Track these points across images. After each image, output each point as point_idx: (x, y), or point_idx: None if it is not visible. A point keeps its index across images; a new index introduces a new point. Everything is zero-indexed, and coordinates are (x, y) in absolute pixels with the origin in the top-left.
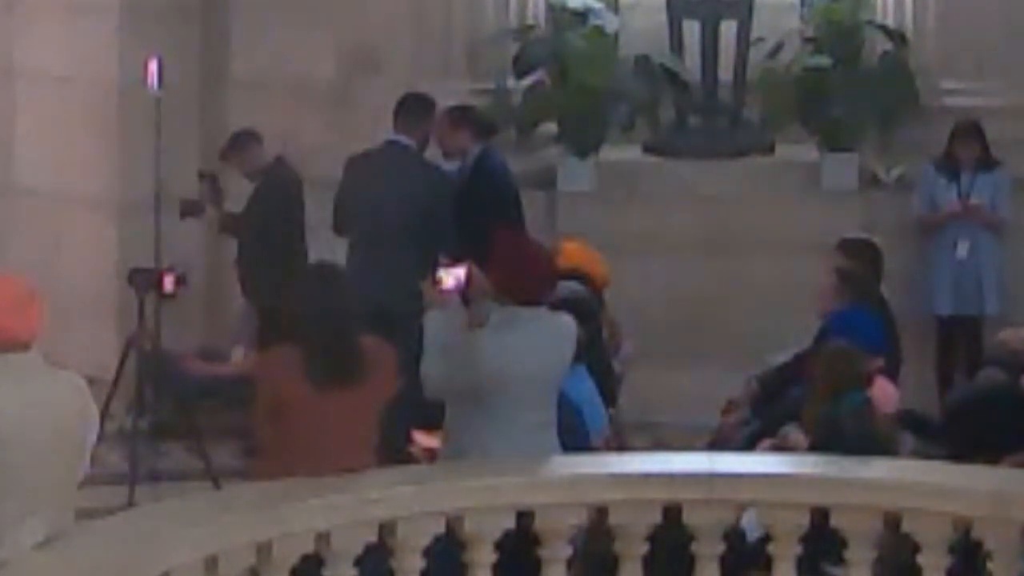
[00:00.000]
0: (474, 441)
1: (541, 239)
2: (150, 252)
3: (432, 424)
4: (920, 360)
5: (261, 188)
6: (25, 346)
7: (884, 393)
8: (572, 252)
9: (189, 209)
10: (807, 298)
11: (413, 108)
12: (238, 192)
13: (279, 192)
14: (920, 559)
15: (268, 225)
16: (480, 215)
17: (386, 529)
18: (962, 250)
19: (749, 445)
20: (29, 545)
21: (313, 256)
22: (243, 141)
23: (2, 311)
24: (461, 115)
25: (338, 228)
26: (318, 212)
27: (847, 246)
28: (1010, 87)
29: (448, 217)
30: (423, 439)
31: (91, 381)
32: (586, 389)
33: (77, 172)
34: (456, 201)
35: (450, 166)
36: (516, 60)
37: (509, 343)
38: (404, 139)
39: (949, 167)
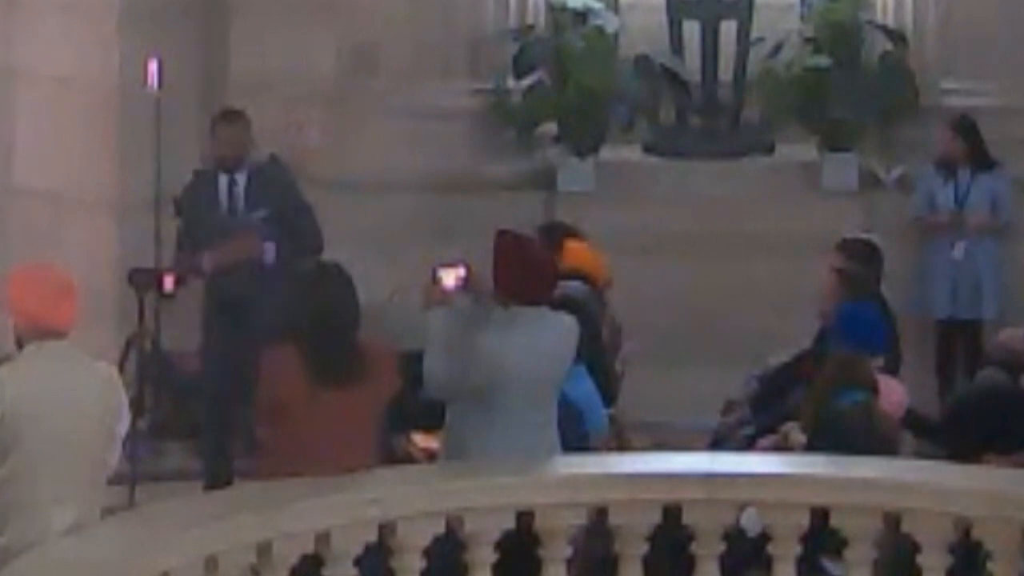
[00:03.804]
0: (475, 441)
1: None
2: (150, 252)
3: (432, 424)
4: (920, 361)
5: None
6: (60, 335)
7: (892, 393)
8: (573, 252)
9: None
10: (807, 298)
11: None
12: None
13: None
14: (920, 559)
15: None
16: None
17: (386, 529)
18: (958, 251)
19: (749, 445)
20: (57, 530)
21: None
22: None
23: (43, 300)
24: None
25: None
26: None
27: (847, 246)
28: (1010, 87)
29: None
30: (423, 439)
31: None
32: (586, 389)
33: (77, 172)
34: None
35: None
36: (516, 60)
37: (510, 343)
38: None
39: (946, 166)
